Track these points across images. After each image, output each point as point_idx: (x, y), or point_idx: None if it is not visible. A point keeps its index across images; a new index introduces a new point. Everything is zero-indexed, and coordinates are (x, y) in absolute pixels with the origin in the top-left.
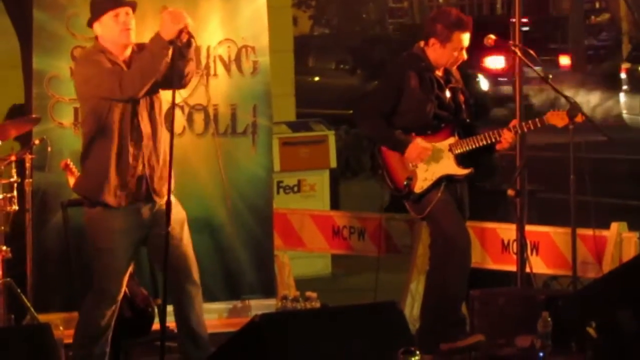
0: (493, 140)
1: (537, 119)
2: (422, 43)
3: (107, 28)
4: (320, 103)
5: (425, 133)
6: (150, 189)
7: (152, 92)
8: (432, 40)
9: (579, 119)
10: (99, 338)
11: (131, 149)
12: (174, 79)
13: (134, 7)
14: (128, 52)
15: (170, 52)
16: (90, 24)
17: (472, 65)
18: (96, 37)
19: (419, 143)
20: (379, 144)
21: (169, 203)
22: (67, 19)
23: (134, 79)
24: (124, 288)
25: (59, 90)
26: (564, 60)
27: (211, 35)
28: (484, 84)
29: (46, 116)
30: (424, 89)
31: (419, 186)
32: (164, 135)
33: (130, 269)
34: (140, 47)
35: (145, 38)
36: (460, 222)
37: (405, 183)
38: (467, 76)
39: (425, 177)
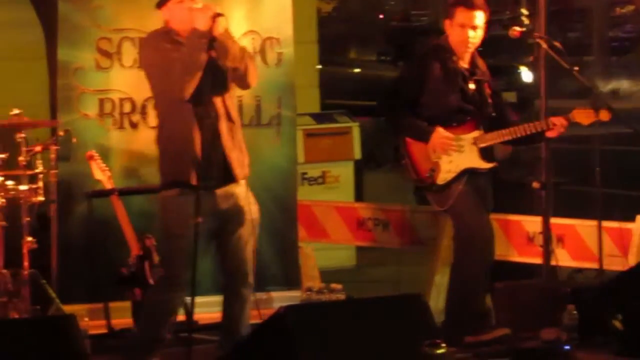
0: (518, 135)
1: (563, 117)
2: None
3: (172, 13)
4: (361, 94)
5: (450, 125)
6: (230, 172)
7: (223, 90)
8: (446, 22)
9: (604, 115)
10: (164, 323)
11: (207, 131)
12: (236, 79)
13: None
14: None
15: (207, 42)
16: (158, 6)
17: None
18: (165, 21)
19: (441, 132)
20: (403, 134)
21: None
22: (92, 11)
23: (179, 76)
24: (188, 274)
25: (84, 81)
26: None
27: (235, 27)
28: (526, 75)
29: (71, 107)
30: (447, 80)
31: (442, 178)
32: (238, 121)
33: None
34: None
35: None
36: (482, 214)
37: (428, 174)
38: (509, 68)
39: (448, 169)
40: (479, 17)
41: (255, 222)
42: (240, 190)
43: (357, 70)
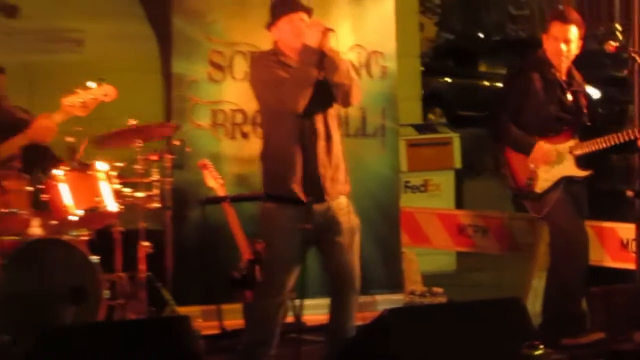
0: (614, 142)
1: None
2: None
3: (282, 33)
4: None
5: (548, 135)
6: (322, 190)
7: (325, 107)
8: (544, 36)
9: None
10: (269, 326)
11: (307, 150)
12: (339, 96)
13: (309, 12)
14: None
15: (318, 58)
16: (268, 27)
17: None
18: (275, 41)
19: (542, 146)
20: (505, 144)
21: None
22: (205, 25)
23: (290, 91)
24: (292, 281)
25: (197, 93)
26: None
27: (342, 41)
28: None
29: (185, 118)
30: (546, 91)
31: (540, 186)
32: (337, 138)
33: None
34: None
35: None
36: (578, 221)
37: (526, 183)
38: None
39: (546, 177)
40: (573, 31)
41: (354, 231)
42: (337, 203)
43: (486, 82)
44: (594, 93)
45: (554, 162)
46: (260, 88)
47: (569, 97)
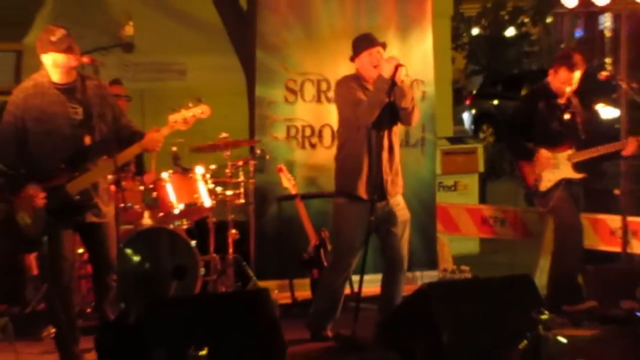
0: (602, 152)
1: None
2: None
3: (362, 63)
4: None
5: (551, 146)
6: (384, 190)
7: (391, 125)
8: (551, 72)
9: None
10: (335, 296)
11: (373, 157)
12: (402, 117)
13: (384, 46)
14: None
15: (389, 86)
16: (352, 59)
17: None
18: (357, 69)
19: (542, 153)
20: (515, 155)
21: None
22: (282, 58)
23: (365, 109)
24: (355, 262)
25: (275, 112)
26: None
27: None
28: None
29: (265, 132)
30: (549, 112)
31: (544, 186)
32: (397, 150)
33: None
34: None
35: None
36: (575, 214)
37: (533, 183)
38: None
39: (549, 179)
40: (577, 75)
41: (406, 223)
42: (395, 200)
43: None
44: (613, 113)
45: (555, 167)
46: (342, 104)
47: (567, 116)
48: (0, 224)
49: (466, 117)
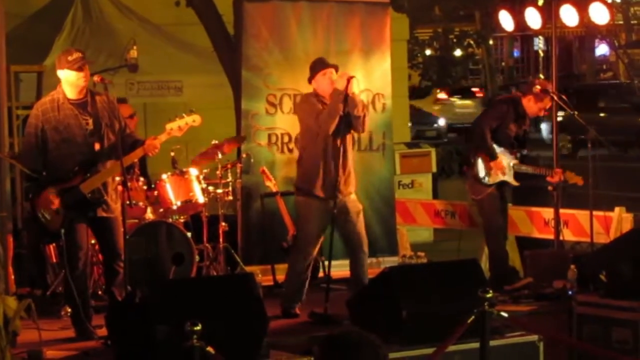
0: (537, 172)
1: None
2: (519, 94)
3: (318, 83)
4: None
5: (506, 148)
6: (337, 189)
7: (344, 133)
8: (530, 97)
9: (576, 180)
10: (300, 280)
11: (329, 161)
12: (355, 125)
13: (336, 68)
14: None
15: (343, 97)
16: (309, 80)
17: None
18: (314, 89)
19: (500, 161)
20: (482, 150)
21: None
22: (264, 76)
23: (325, 118)
24: (316, 250)
25: (258, 122)
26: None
27: (357, 87)
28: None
29: (249, 139)
30: (515, 124)
31: (492, 179)
32: (350, 154)
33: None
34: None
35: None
36: (498, 210)
37: (485, 172)
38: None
39: (496, 177)
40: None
41: (359, 213)
42: (347, 197)
43: (602, 114)
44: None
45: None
46: (306, 115)
47: (522, 131)
48: (25, 220)
49: (544, 127)
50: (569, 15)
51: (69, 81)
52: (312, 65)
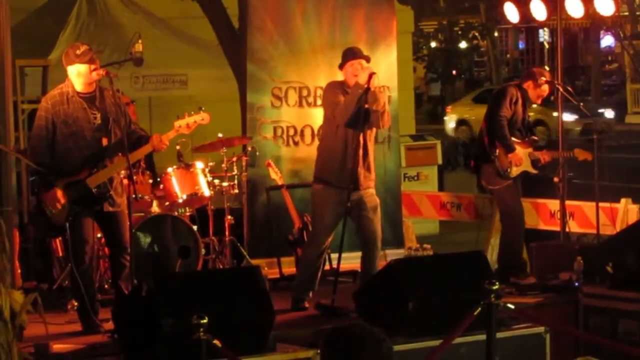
0: (556, 156)
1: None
2: (517, 82)
3: (346, 72)
4: None
5: (517, 137)
6: (358, 182)
7: (365, 128)
8: (529, 83)
9: (586, 156)
10: (313, 272)
11: (349, 153)
12: (374, 120)
13: (367, 59)
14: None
15: (363, 91)
16: (340, 67)
17: None
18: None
19: (518, 152)
20: (501, 141)
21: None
22: (269, 69)
23: (341, 110)
24: (329, 240)
25: (263, 115)
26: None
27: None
28: None
29: (255, 132)
30: (524, 113)
31: (514, 172)
32: (371, 149)
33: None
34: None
35: None
36: (518, 200)
37: (507, 168)
38: None
39: (517, 168)
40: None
41: (376, 208)
42: (366, 190)
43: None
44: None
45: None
46: (325, 104)
47: (525, 116)
48: (31, 214)
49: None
50: (574, 7)
51: (82, 74)
52: (344, 54)
